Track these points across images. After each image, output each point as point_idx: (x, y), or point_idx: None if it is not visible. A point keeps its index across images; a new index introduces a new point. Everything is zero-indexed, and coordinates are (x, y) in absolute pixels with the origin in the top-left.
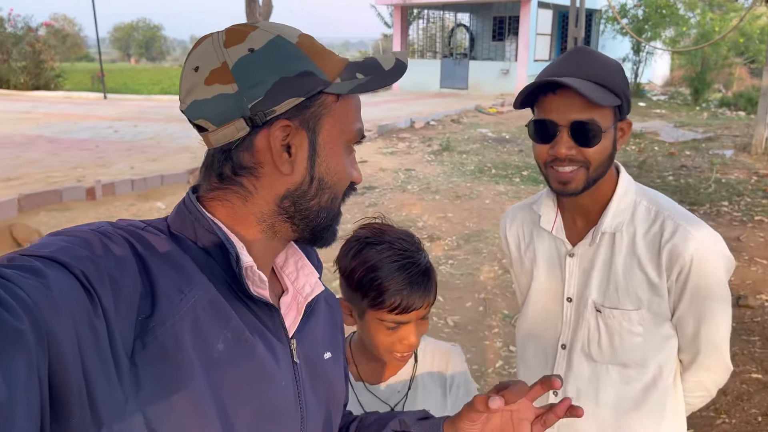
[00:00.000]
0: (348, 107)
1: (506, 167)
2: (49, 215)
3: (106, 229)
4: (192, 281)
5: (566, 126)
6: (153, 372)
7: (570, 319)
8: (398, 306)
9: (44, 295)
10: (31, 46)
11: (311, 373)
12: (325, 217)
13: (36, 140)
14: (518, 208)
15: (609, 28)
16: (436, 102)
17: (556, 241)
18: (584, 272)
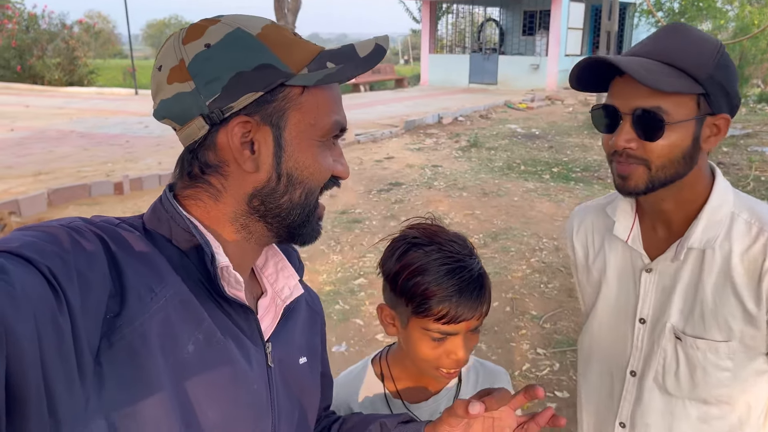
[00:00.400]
0: (318, 99)
1: (536, 164)
2: (79, 210)
3: (76, 225)
4: (164, 280)
5: (628, 114)
6: (118, 372)
7: (642, 344)
8: (446, 315)
9: (4, 291)
10: (65, 42)
11: (285, 377)
12: (299, 214)
13: (69, 135)
14: (589, 210)
15: (643, 22)
16: (465, 97)
17: (631, 252)
18: (663, 292)
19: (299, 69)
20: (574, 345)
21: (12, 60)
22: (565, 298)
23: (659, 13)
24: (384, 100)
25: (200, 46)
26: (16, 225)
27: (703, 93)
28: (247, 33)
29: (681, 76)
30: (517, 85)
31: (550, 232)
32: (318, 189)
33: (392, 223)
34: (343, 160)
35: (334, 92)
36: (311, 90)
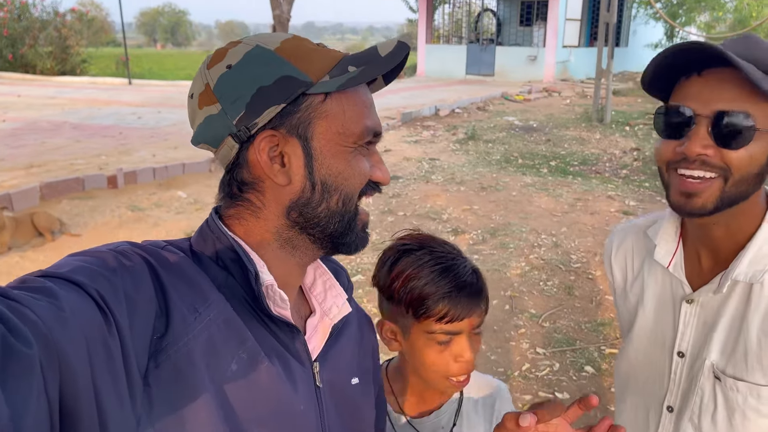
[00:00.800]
0: (344, 105)
1: (533, 157)
2: (71, 204)
3: (124, 249)
4: (208, 300)
5: (708, 117)
6: (165, 392)
7: (680, 379)
8: (447, 313)
9: (56, 315)
10: (57, 31)
11: (336, 397)
12: (339, 221)
13: (61, 126)
14: (629, 230)
15: (642, 13)
16: (462, 89)
17: (672, 280)
18: (705, 325)
19: (320, 77)
20: (574, 344)
21: (4, 49)
22: (564, 296)
23: (657, 4)
24: (380, 91)
25: (223, 68)
26: (7, 220)
27: None
28: (266, 49)
29: None
30: (514, 76)
31: (549, 228)
32: (355, 194)
33: (390, 218)
34: (382, 165)
35: (362, 97)
36: (334, 96)
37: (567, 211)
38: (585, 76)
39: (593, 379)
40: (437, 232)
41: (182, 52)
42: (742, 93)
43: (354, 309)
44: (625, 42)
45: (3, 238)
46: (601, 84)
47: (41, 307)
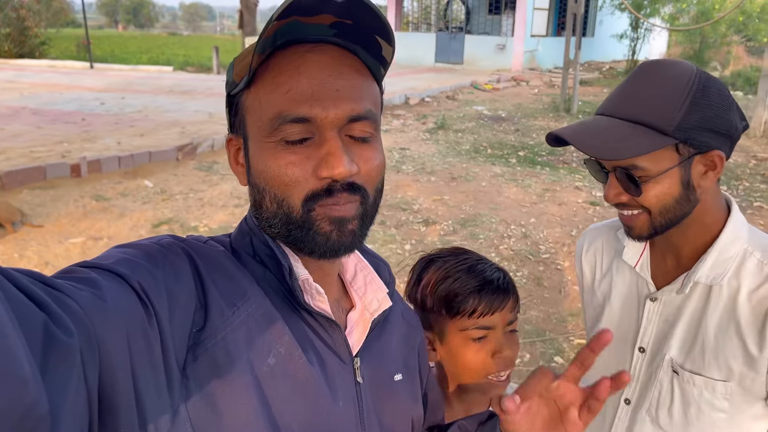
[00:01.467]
0: (260, 96)
1: (502, 147)
2: (33, 194)
3: (167, 242)
4: (246, 294)
5: (612, 171)
6: (203, 384)
7: (639, 373)
8: (477, 308)
9: (97, 305)
10: (15, 11)
11: (377, 393)
12: (281, 223)
13: (20, 112)
14: (600, 231)
15: (608, 4)
16: (431, 77)
17: (638, 279)
18: (666, 323)
19: (243, 74)
20: (544, 335)
21: None
22: (533, 287)
23: None
24: None
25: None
26: None
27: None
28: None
29: (647, 133)
30: (483, 64)
31: (518, 219)
32: (285, 197)
33: None
34: (331, 157)
35: (278, 81)
36: (252, 89)
37: (535, 202)
38: (552, 65)
39: (562, 369)
40: (408, 223)
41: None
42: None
43: (398, 304)
44: (591, 32)
45: None
46: (569, 74)
47: (83, 297)
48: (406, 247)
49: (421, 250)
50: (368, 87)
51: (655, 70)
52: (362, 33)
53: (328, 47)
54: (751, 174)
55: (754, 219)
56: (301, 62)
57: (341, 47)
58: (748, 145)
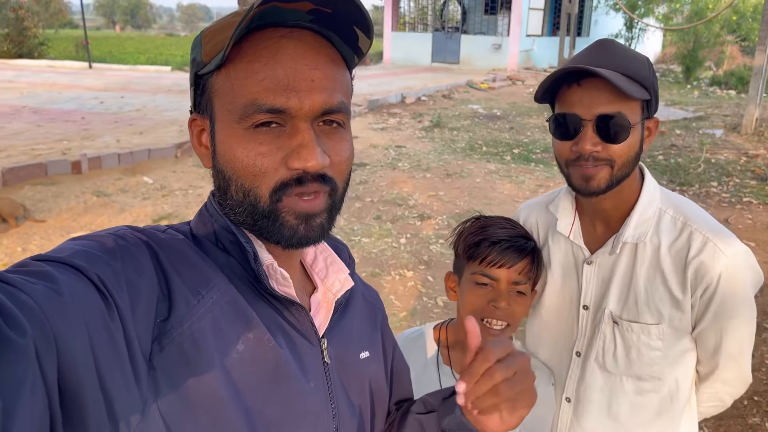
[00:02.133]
0: (232, 80)
1: (497, 144)
2: (34, 189)
3: (124, 233)
4: (210, 282)
5: (591, 120)
6: (171, 375)
7: (585, 328)
8: (488, 257)
9: (52, 299)
10: (14, 12)
11: (345, 373)
12: (246, 213)
13: (21, 111)
14: (532, 207)
15: (602, 4)
16: (428, 76)
17: (573, 246)
18: (603, 282)
19: (214, 54)
20: None
21: None
22: None
23: None
24: None
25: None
26: None
27: (647, 99)
28: (200, 33)
29: (636, 84)
30: (479, 64)
31: (511, 213)
32: (252, 187)
33: (357, 204)
34: (303, 149)
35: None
36: (222, 71)
37: (529, 197)
38: (548, 64)
39: None
40: (404, 218)
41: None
42: (614, 96)
43: (359, 284)
44: (586, 32)
45: None
46: None
47: (37, 291)
48: (402, 240)
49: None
50: (341, 77)
51: (617, 43)
52: (340, 22)
53: (304, 34)
54: (741, 170)
55: (743, 214)
56: (277, 49)
57: (317, 34)
58: (740, 143)
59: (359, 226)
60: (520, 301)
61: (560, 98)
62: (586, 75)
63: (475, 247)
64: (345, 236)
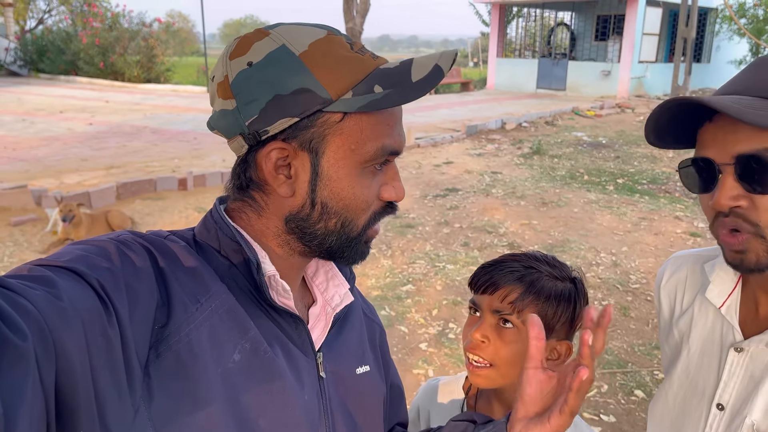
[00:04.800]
0: (363, 124)
1: (600, 173)
2: (144, 203)
3: (125, 238)
4: (210, 290)
5: (729, 164)
6: (166, 383)
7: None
8: (473, 281)
9: (52, 304)
10: (145, 41)
11: (340, 387)
12: (336, 240)
13: (142, 131)
14: (686, 259)
15: (725, 29)
16: (531, 103)
17: (723, 323)
18: (751, 379)
19: (342, 93)
20: (625, 366)
21: (96, 57)
22: (619, 317)
23: (741, 20)
24: (448, 103)
25: (243, 64)
26: (84, 216)
27: None
28: (290, 52)
29: None
30: (586, 91)
31: (609, 247)
32: (356, 219)
33: (445, 230)
34: (396, 182)
35: (384, 115)
36: (353, 115)
37: (630, 230)
38: (662, 92)
39: (642, 404)
40: (492, 246)
41: None
42: (758, 130)
43: (359, 299)
44: (707, 58)
45: (79, 233)
46: None
47: (37, 297)
48: None
49: None
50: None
51: None
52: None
53: None
54: None
55: None
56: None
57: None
58: None
59: (445, 252)
60: (506, 337)
61: (698, 141)
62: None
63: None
64: (430, 261)
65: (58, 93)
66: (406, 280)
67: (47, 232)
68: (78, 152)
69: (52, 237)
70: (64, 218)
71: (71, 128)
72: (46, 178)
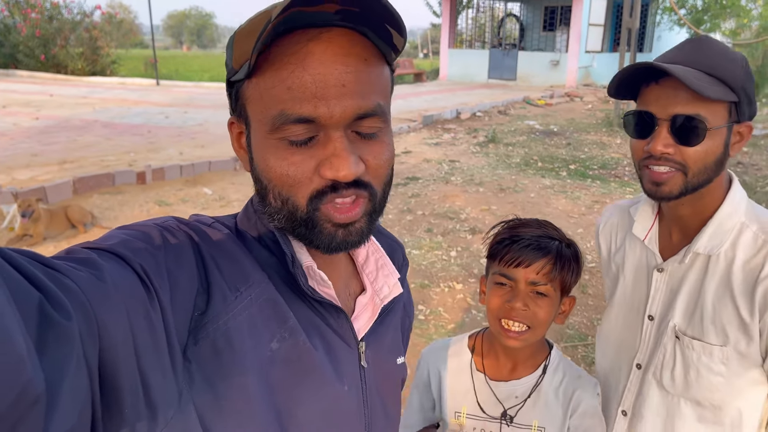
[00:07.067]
0: (261, 91)
1: (553, 160)
2: (102, 198)
3: (169, 224)
4: (249, 279)
5: (666, 120)
6: (205, 369)
7: (648, 340)
8: (504, 255)
9: (96, 286)
10: (88, 32)
11: (381, 378)
12: (286, 219)
13: (92, 125)
14: (615, 209)
15: (666, 19)
16: (484, 93)
17: (647, 252)
18: (671, 292)
19: (245, 59)
20: (586, 340)
21: (36, 49)
22: (578, 294)
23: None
24: (402, 94)
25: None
26: (43, 212)
27: (735, 101)
28: (237, 30)
29: (719, 85)
30: (536, 81)
31: (566, 229)
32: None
33: (408, 217)
34: (336, 159)
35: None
36: (252, 80)
37: (584, 213)
38: (608, 81)
39: None
40: (455, 231)
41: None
42: (694, 97)
43: (406, 291)
44: (649, 47)
45: (38, 228)
46: None
47: (81, 277)
48: (452, 253)
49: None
50: (377, 77)
51: (713, 40)
52: (370, 19)
53: (334, 32)
54: None
55: None
56: (305, 54)
57: (349, 32)
58: None
59: (410, 239)
60: (541, 303)
61: (640, 96)
62: (663, 73)
63: (497, 246)
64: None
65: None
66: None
67: (4, 228)
68: (27, 147)
69: (9, 233)
70: (23, 213)
71: (17, 123)
72: None
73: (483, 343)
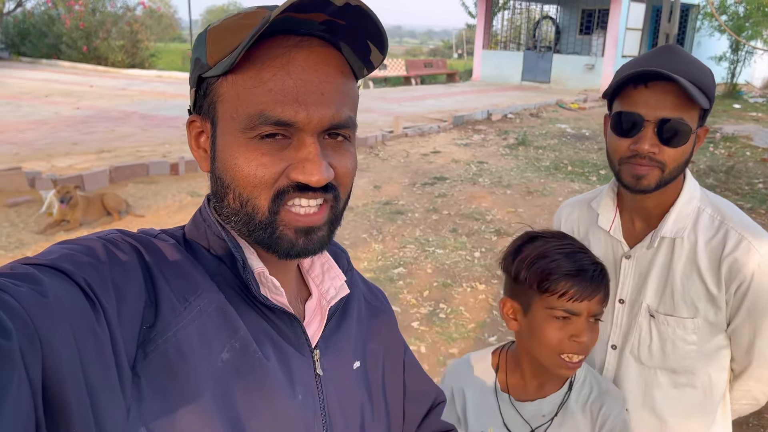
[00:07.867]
0: (238, 90)
1: (583, 165)
2: (137, 187)
3: (113, 237)
4: (198, 289)
5: (653, 122)
6: (155, 382)
7: (621, 321)
8: (568, 291)
9: (37, 302)
10: (129, 25)
11: (338, 384)
12: (244, 222)
13: (130, 116)
14: (575, 204)
15: (706, 25)
16: (516, 95)
17: (612, 241)
18: (640, 276)
19: (220, 57)
20: None
21: (79, 41)
22: None
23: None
24: (435, 94)
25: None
26: (80, 198)
27: (707, 108)
28: (206, 29)
29: (702, 93)
30: (570, 84)
31: None
32: (251, 197)
33: (434, 217)
34: (308, 163)
35: (264, 76)
36: (229, 78)
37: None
38: None
39: None
40: (480, 232)
41: None
42: (680, 102)
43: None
44: None
45: (75, 214)
46: None
47: (22, 294)
48: (476, 254)
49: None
50: (350, 90)
51: (682, 49)
52: (352, 34)
53: (314, 43)
54: None
55: None
56: (288, 59)
57: (327, 44)
58: None
59: (434, 238)
60: (596, 328)
61: (624, 96)
62: (655, 77)
63: (548, 280)
64: (420, 246)
65: (41, 77)
66: (397, 263)
67: (43, 212)
68: (67, 136)
69: (48, 218)
70: (62, 199)
71: (58, 112)
72: (36, 161)
73: (507, 360)
